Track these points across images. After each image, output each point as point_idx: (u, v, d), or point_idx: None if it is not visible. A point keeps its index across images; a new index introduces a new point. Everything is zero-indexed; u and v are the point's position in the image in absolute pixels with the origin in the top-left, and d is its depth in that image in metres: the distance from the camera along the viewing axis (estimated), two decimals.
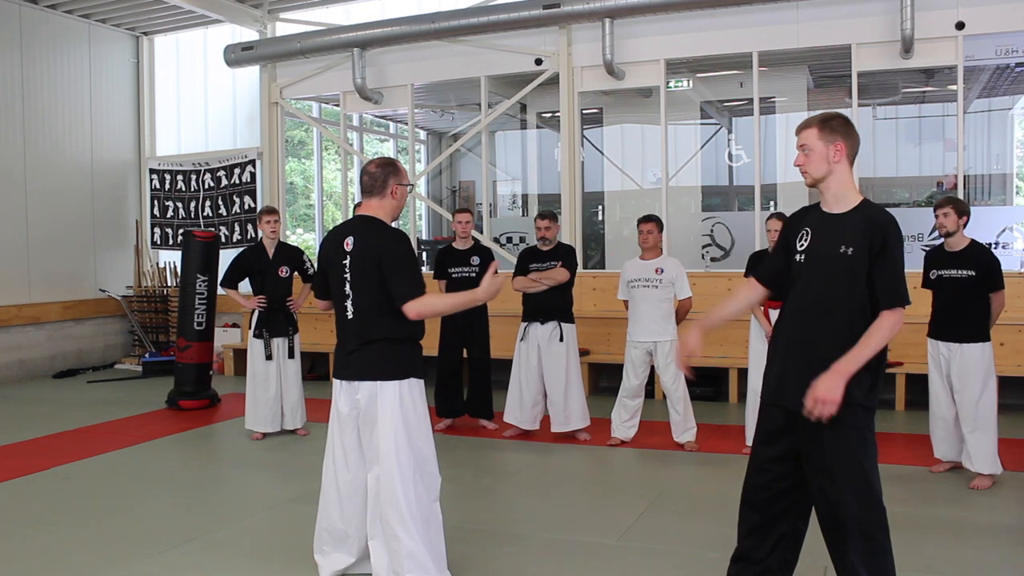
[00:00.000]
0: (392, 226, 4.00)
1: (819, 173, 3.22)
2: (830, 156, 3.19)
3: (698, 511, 5.18)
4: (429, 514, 3.86)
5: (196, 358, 8.69)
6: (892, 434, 7.12)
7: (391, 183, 3.97)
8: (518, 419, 7.11)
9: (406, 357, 3.89)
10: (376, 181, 3.97)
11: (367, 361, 3.87)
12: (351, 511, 4.06)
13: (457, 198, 15.15)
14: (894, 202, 13.61)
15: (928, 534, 4.66)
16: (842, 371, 3.03)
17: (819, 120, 3.23)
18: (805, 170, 3.26)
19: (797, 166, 3.29)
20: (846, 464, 3.08)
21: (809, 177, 3.26)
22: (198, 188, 12.10)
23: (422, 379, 3.97)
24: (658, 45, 9.64)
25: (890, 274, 3.08)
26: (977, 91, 11.65)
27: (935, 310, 5.80)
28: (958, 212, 5.60)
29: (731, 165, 13.36)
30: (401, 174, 4.03)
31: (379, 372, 3.84)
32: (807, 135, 3.23)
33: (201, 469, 6.53)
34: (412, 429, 3.85)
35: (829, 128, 3.20)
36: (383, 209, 3.99)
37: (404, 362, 3.88)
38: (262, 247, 7.30)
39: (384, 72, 10.90)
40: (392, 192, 3.98)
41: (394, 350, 3.86)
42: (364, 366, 3.87)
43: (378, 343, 3.86)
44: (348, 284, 3.92)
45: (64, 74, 11.43)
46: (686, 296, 6.71)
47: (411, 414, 3.85)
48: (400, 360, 3.87)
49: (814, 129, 3.22)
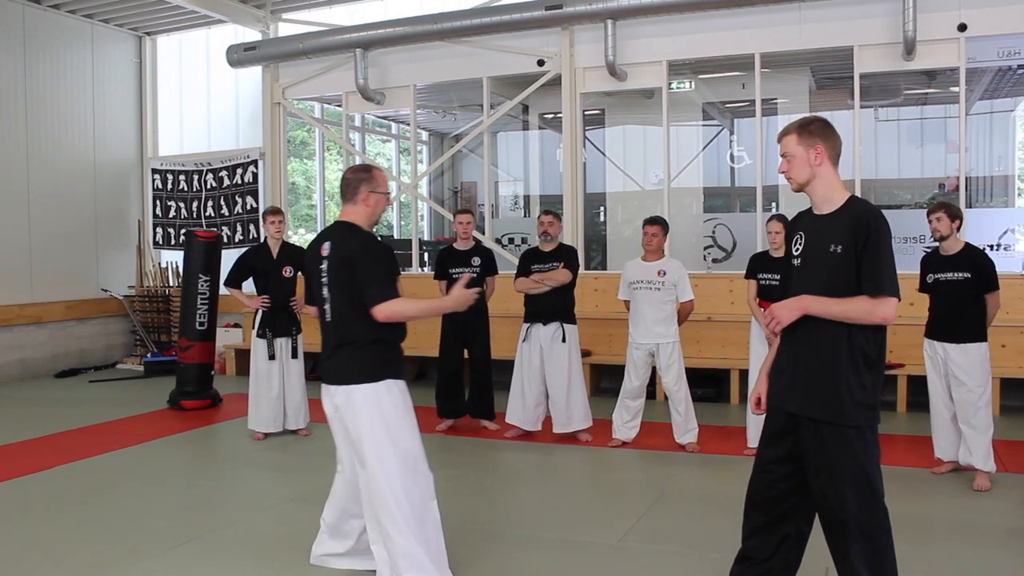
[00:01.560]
0: (367, 231, 4.03)
1: (803, 178, 3.24)
2: (811, 160, 3.21)
3: (700, 512, 5.19)
4: (423, 512, 3.87)
5: (198, 358, 8.69)
6: (894, 435, 7.12)
7: (363, 190, 4.01)
8: (520, 420, 7.12)
9: (380, 359, 3.90)
10: (349, 187, 4.03)
11: (340, 365, 3.90)
12: (342, 507, 4.18)
13: (459, 199, 15.16)
14: (896, 204, 13.60)
15: (929, 535, 4.67)
16: (805, 304, 3.14)
17: (797, 126, 3.26)
18: (789, 176, 3.28)
19: (781, 173, 3.31)
20: (846, 464, 3.09)
21: (794, 183, 3.28)
22: (200, 188, 12.12)
23: (401, 380, 3.96)
24: (660, 46, 9.64)
25: (873, 263, 3.07)
26: (979, 93, 11.65)
27: (932, 312, 5.86)
28: (950, 216, 5.68)
29: (733, 166, 13.36)
30: (375, 181, 4.05)
31: (351, 375, 3.87)
32: (787, 141, 3.26)
33: (203, 469, 6.55)
34: (394, 430, 3.85)
35: (808, 132, 3.22)
36: (358, 214, 4.02)
37: (379, 364, 3.89)
38: (266, 247, 7.31)
39: (386, 73, 10.91)
40: (365, 199, 4.01)
41: (368, 352, 3.88)
42: (337, 370, 3.91)
43: (351, 346, 3.88)
44: (326, 288, 3.95)
45: (67, 74, 11.45)
46: (688, 299, 6.71)
47: (391, 415, 3.85)
48: (374, 362, 3.88)
49: (793, 135, 3.25)
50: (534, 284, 6.93)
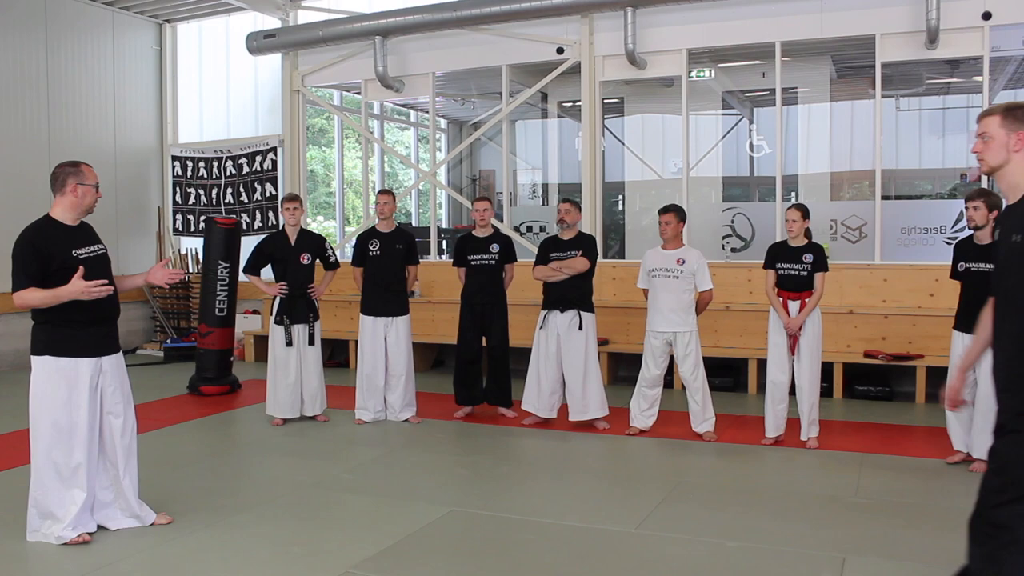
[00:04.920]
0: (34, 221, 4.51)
1: (996, 161, 3.12)
2: (1011, 145, 3.11)
3: (716, 500, 5.19)
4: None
5: (217, 344, 8.75)
6: (911, 426, 7.10)
7: (70, 183, 4.54)
8: (536, 407, 7.13)
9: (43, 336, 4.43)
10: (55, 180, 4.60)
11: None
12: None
13: (477, 187, 15.16)
14: (916, 194, 13.52)
15: (946, 525, 4.64)
16: None
17: (1003, 108, 3.12)
18: (982, 157, 3.16)
19: (974, 153, 3.21)
20: None
21: (985, 165, 3.16)
22: (220, 175, 12.17)
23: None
24: (680, 35, 9.59)
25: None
26: (1003, 82, 11.52)
27: (962, 302, 5.78)
28: (988, 206, 5.58)
29: (752, 156, 13.30)
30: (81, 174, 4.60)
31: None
32: (988, 122, 3.14)
33: (222, 454, 6.59)
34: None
35: (1013, 117, 3.11)
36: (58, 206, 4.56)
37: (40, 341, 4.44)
38: (284, 234, 7.34)
39: (405, 60, 10.91)
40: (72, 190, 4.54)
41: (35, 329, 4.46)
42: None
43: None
44: None
45: (88, 61, 11.52)
46: (707, 288, 6.69)
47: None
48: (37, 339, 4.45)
49: (997, 117, 3.13)
50: (552, 272, 6.94)
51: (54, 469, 4.40)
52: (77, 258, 4.39)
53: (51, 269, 4.33)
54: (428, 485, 5.57)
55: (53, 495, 4.39)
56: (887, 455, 6.15)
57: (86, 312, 4.38)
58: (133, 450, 4.68)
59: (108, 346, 4.57)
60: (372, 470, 5.96)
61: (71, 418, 4.40)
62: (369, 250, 7.33)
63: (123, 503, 4.63)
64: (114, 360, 4.59)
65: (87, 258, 4.43)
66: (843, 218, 9.54)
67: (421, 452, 6.44)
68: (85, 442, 4.43)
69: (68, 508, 4.40)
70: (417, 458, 6.28)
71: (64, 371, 4.39)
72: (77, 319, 4.38)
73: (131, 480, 4.64)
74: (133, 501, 4.64)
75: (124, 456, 4.60)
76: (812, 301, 6.24)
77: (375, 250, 7.30)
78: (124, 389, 4.63)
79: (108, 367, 4.54)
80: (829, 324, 7.50)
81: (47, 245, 4.36)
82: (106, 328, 4.56)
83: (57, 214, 4.51)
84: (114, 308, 4.57)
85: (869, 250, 9.16)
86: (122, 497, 4.62)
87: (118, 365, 4.62)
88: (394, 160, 16.92)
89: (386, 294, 7.31)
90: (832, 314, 8.15)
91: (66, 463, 4.40)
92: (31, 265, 4.31)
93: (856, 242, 9.43)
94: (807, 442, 6.35)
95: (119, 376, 4.60)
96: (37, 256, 4.33)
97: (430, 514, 4.87)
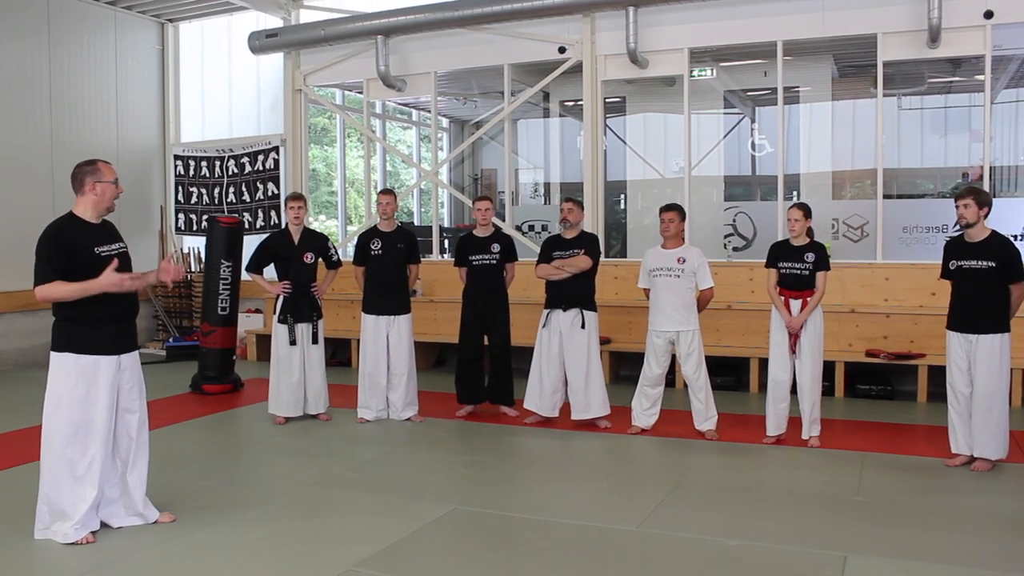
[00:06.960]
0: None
1: None
2: None
3: (718, 499, 5.20)
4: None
5: (220, 343, 8.77)
6: (913, 426, 7.11)
7: (88, 181, 4.49)
8: (538, 406, 7.14)
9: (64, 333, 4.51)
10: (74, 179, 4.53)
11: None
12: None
13: (479, 186, 15.17)
14: (918, 193, 13.51)
15: (948, 525, 4.65)
16: None
17: None
18: None
19: None
20: None
21: None
22: (222, 174, 12.19)
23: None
24: (682, 34, 9.60)
25: None
26: (1005, 81, 11.53)
27: (954, 301, 5.77)
28: (979, 203, 5.57)
29: (754, 155, 13.31)
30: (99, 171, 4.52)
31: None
32: None
33: (224, 453, 6.61)
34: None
35: None
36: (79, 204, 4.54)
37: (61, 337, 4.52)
38: (287, 233, 7.35)
39: (407, 60, 10.92)
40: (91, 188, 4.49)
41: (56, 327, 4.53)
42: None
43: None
44: None
45: (90, 61, 11.53)
46: (708, 286, 6.70)
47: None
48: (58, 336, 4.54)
49: None
50: (554, 270, 6.95)
51: (68, 466, 4.40)
52: (99, 255, 4.42)
53: (74, 265, 4.35)
54: (430, 484, 5.58)
55: (66, 492, 4.40)
56: (888, 454, 6.16)
57: (108, 309, 4.43)
58: (145, 445, 4.69)
59: (127, 343, 4.62)
60: (374, 469, 5.97)
61: (88, 415, 4.42)
62: (371, 249, 7.34)
63: (127, 501, 4.64)
64: (132, 357, 4.64)
65: (110, 255, 4.46)
66: (845, 217, 9.55)
67: (423, 451, 6.45)
68: (101, 440, 4.44)
69: (79, 506, 4.40)
70: (419, 457, 6.29)
71: (84, 368, 4.43)
72: (99, 316, 4.42)
73: (139, 477, 4.65)
74: (138, 499, 4.65)
75: (136, 452, 4.61)
76: (814, 300, 6.25)
77: (377, 249, 7.31)
78: (140, 386, 4.68)
79: (127, 364, 4.59)
80: (831, 323, 7.51)
81: (72, 240, 4.40)
82: (126, 325, 4.62)
83: (79, 212, 4.53)
84: (134, 306, 4.63)
85: (871, 249, 9.16)
86: (127, 495, 4.63)
87: (136, 362, 4.67)
88: (396, 159, 16.92)
89: (388, 293, 7.32)
90: (834, 313, 8.15)
91: (80, 460, 4.41)
92: (57, 258, 4.34)
93: (858, 241, 9.44)
94: (808, 441, 6.35)
95: (136, 373, 4.65)
96: (62, 250, 4.36)
97: (432, 513, 4.88)
